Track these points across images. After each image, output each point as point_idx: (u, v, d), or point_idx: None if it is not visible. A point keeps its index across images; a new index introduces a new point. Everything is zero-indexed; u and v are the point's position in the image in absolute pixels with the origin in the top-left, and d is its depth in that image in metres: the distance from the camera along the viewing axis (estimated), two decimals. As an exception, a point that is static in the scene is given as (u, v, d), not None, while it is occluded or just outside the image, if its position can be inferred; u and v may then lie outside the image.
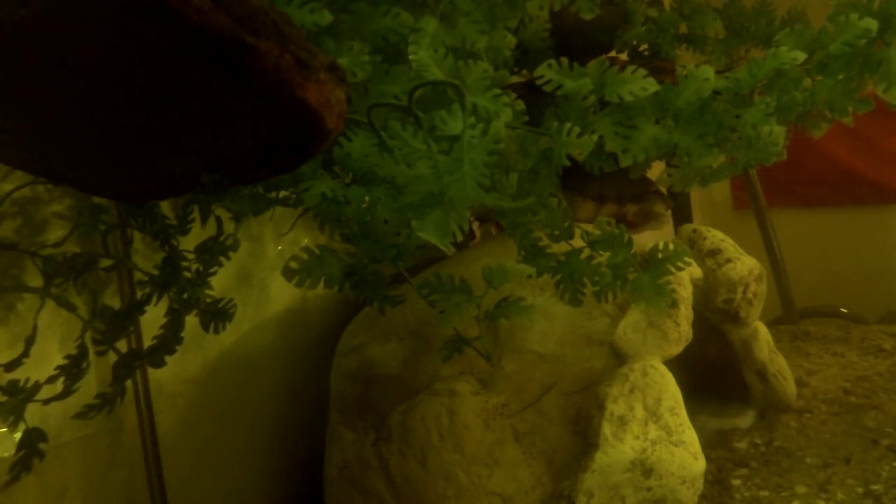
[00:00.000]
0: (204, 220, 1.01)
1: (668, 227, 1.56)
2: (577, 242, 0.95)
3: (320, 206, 0.72)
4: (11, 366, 0.84)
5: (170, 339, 0.96)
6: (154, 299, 0.97)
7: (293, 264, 0.79)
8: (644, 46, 1.31)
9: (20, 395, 0.81)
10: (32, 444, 0.83)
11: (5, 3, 0.47)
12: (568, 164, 0.83)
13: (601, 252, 0.94)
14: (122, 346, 0.96)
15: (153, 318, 1.00)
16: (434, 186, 0.59)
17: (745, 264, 1.37)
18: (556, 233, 0.95)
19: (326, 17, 0.65)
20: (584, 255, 0.93)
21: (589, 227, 0.95)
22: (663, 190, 1.34)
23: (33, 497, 0.94)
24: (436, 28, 0.74)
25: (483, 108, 0.70)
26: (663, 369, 1.15)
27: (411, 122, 0.63)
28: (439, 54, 0.72)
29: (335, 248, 0.82)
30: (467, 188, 0.58)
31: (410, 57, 0.70)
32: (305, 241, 1.39)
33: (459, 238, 0.61)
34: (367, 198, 0.69)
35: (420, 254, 0.84)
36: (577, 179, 1.00)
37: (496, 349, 1.17)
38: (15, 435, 0.85)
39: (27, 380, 0.84)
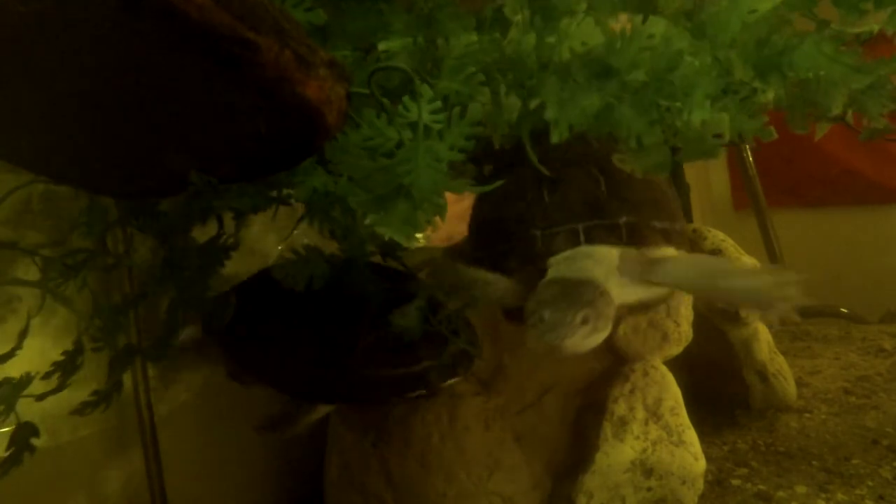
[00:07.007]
0: (204, 218, 1.01)
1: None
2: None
3: (311, 200, 0.71)
4: (3, 358, 0.83)
5: (168, 337, 0.96)
6: (153, 297, 0.97)
7: (287, 258, 0.78)
8: None
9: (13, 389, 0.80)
10: (24, 439, 0.82)
11: (6, 1, 0.47)
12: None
13: None
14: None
15: (153, 317, 1.00)
16: (393, 179, 0.56)
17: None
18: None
19: (321, 17, 0.64)
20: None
21: None
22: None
23: (32, 497, 0.94)
24: (411, 20, 0.71)
25: (454, 92, 0.64)
26: (663, 369, 1.15)
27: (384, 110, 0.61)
28: (409, 41, 0.68)
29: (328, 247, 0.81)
30: (422, 178, 0.55)
31: (380, 47, 0.68)
32: (306, 241, 1.39)
33: (423, 230, 0.58)
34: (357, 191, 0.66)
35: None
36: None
37: (496, 349, 1.16)
38: (4, 429, 0.84)
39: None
